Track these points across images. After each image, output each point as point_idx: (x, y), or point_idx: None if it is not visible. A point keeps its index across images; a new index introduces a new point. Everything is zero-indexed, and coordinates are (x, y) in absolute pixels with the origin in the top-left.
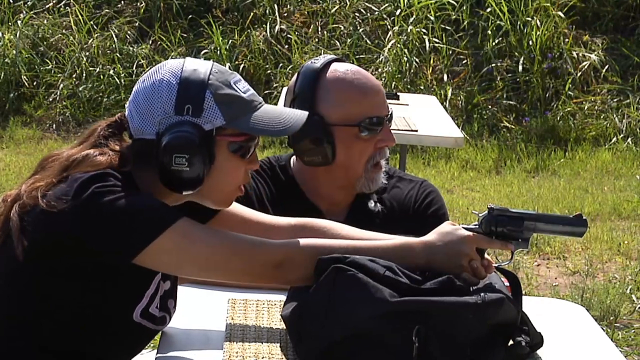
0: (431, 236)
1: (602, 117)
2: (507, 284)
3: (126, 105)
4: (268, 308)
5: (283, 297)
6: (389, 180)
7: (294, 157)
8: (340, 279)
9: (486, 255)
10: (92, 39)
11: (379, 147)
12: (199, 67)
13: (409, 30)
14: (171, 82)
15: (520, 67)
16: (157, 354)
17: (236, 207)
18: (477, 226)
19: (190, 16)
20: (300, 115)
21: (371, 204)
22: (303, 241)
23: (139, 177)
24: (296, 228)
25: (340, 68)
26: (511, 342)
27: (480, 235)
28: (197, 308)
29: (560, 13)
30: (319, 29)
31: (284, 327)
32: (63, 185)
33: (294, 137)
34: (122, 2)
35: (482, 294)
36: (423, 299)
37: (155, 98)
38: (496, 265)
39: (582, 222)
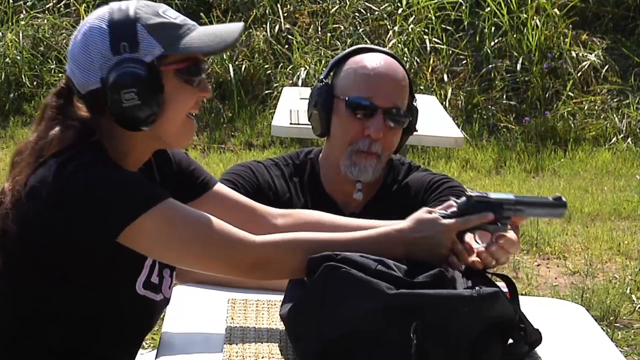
0: (409, 226)
1: (602, 117)
2: (505, 289)
3: (66, 67)
4: (268, 308)
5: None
6: (410, 170)
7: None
8: (333, 277)
9: (467, 238)
10: None
11: (365, 135)
12: (123, 5)
13: (409, 30)
14: (101, 27)
15: (519, 67)
16: (157, 354)
17: (227, 190)
18: (455, 213)
19: (190, 15)
20: (234, 27)
21: (356, 193)
22: (282, 237)
23: (106, 138)
24: (283, 216)
25: (370, 53)
26: (510, 341)
27: (457, 220)
28: (197, 308)
29: (559, 12)
30: (319, 28)
31: (284, 327)
32: (41, 171)
33: (308, 105)
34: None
35: (477, 288)
36: (418, 292)
37: (90, 47)
38: (487, 270)
39: (561, 204)
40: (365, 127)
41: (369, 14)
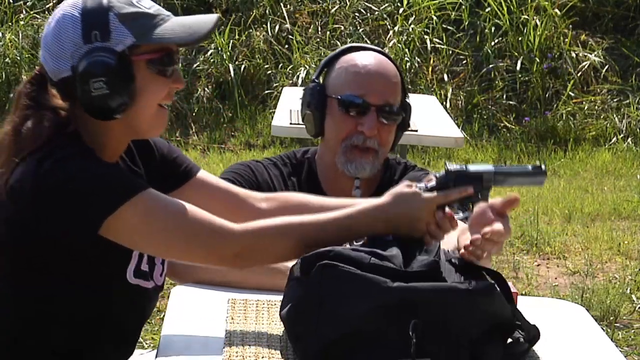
0: (389, 201)
1: (602, 117)
2: (514, 289)
3: (40, 54)
4: (268, 308)
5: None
6: (407, 169)
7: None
8: (328, 275)
9: (447, 209)
10: None
11: (359, 131)
12: None
13: (409, 30)
14: (74, 15)
15: (520, 67)
16: (157, 354)
17: (210, 177)
18: (434, 187)
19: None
20: (208, 19)
21: (355, 190)
22: (264, 223)
23: (82, 127)
24: (267, 200)
25: (361, 51)
26: (509, 340)
27: (437, 195)
28: (197, 308)
29: (559, 12)
30: (320, 28)
31: (284, 327)
32: (19, 170)
33: (302, 106)
34: None
35: (472, 281)
36: (414, 285)
37: (62, 35)
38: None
39: (540, 172)
40: (359, 125)
41: (369, 14)
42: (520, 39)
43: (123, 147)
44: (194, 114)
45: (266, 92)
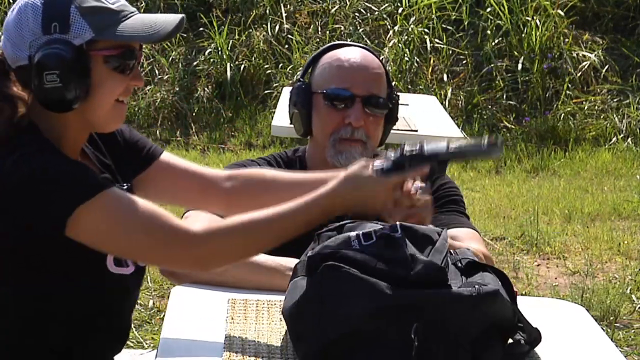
0: (344, 184)
1: (602, 117)
2: (515, 288)
3: (0, 39)
4: (268, 308)
5: (283, 297)
6: None
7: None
8: (331, 275)
9: (406, 186)
10: None
11: (346, 124)
12: None
13: (409, 30)
14: (35, 4)
15: (520, 67)
16: (157, 354)
17: (174, 159)
18: (390, 167)
19: (190, 15)
20: (172, 19)
21: None
22: (215, 226)
23: (39, 118)
24: (230, 179)
25: (343, 47)
26: (510, 341)
27: (394, 177)
28: (197, 308)
29: (560, 12)
30: (320, 28)
31: (284, 327)
32: None
33: (289, 106)
34: None
35: (476, 287)
36: (418, 291)
37: (22, 23)
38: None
39: (494, 148)
40: (346, 117)
41: (368, 14)
42: (520, 39)
43: (83, 139)
44: (194, 114)
45: (266, 92)
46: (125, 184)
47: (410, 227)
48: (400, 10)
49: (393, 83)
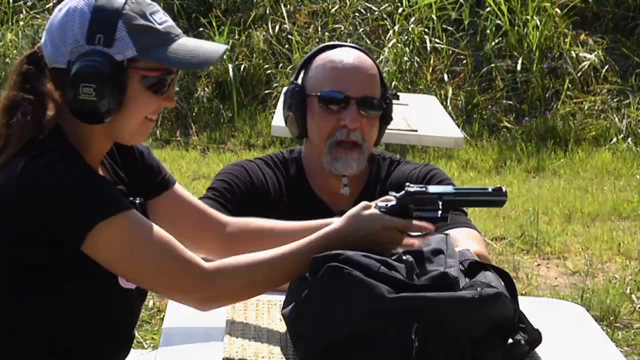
0: (347, 224)
1: (602, 117)
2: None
3: (42, 37)
4: (268, 308)
5: (283, 297)
6: (392, 164)
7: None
8: (332, 276)
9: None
10: None
11: (341, 126)
12: None
13: (409, 30)
14: (84, 11)
15: (520, 67)
16: (157, 354)
17: (184, 191)
18: (394, 207)
19: (190, 16)
20: (217, 48)
21: (343, 188)
22: (231, 265)
23: (67, 122)
24: (231, 224)
25: (336, 48)
26: (510, 341)
27: (398, 220)
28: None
29: (559, 11)
30: (319, 28)
31: (284, 327)
32: (7, 170)
33: (283, 108)
34: None
35: (478, 289)
36: (419, 295)
37: (67, 26)
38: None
39: (500, 194)
40: (341, 119)
41: (368, 14)
42: (520, 38)
43: (105, 150)
44: (194, 114)
45: (266, 92)
46: (139, 199)
47: (419, 250)
48: (400, 10)
49: (393, 83)
